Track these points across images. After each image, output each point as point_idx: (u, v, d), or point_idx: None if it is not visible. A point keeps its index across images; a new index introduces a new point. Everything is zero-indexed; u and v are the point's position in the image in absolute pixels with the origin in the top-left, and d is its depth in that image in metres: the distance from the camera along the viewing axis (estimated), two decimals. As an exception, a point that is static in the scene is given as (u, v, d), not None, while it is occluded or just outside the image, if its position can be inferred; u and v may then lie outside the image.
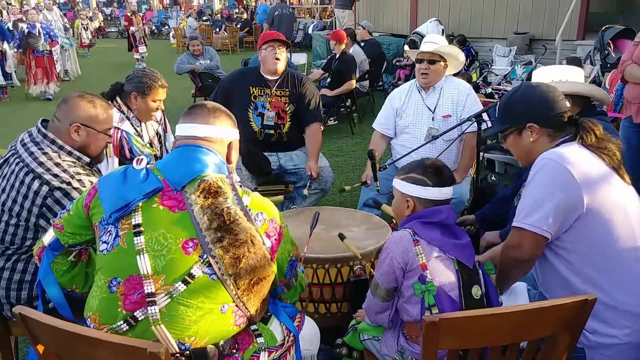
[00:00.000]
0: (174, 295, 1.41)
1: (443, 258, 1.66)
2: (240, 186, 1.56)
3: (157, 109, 2.93)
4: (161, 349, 1.17)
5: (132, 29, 13.44)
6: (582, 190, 1.61)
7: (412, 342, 1.70)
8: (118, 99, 2.89)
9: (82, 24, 15.97)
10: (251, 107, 3.46)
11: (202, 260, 1.43)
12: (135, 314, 1.41)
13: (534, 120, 1.78)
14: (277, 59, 3.40)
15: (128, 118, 2.86)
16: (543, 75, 2.55)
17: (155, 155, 3.01)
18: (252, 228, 1.48)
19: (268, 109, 3.45)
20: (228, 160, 1.70)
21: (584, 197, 1.61)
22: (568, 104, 1.81)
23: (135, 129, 2.90)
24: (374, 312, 1.77)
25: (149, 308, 1.41)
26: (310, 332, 1.82)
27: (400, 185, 1.79)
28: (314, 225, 2.33)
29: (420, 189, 1.74)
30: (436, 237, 1.68)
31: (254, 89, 3.47)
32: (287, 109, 3.48)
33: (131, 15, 13.96)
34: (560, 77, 2.48)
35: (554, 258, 1.71)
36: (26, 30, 9.38)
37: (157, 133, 3.10)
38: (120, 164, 2.68)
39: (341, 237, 2.28)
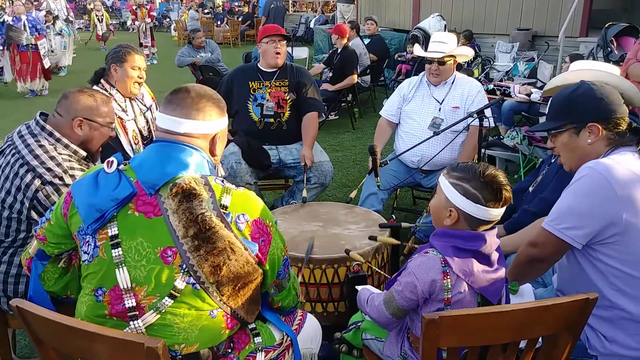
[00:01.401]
0: (162, 310, 1.37)
1: (469, 293, 1.53)
2: (222, 182, 1.44)
3: (138, 78, 2.89)
4: (159, 344, 1.16)
5: (137, 23, 13.20)
6: (622, 207, 1.54)
7: (416, 352, 1.64)
8: (102, 80, 2.87)
9: (97, 16, 15.36)
10: (250, 99, 3.50)
11: (182, 270, 1.36)
12: (125, 331, 1.38)
13: (597, 119, 1.66)
14: (278, 53, 3.46)
15: (111, 94, 2.83)
16: (581, 65, 2.47)
17: (141, 133, 2.99)
18: (231, 235, 1.37)
19: (267, 100, 3.49)
20: (212, 153, 1.56)
21: (623, 214, 1.54)
22: (627, 111, 1.70)
23: (119, 105, 2.86)
24: (380, 323, 1.69)
25: (131, 322, 1.37)
26: (311, 330, 1.78)
27: (447, 189, 1.55)
28: (309, 252, 2.30)
29: (470, 205, 1.50)
30: (468, 269, 1.51)
31: (253, 83, 3.52)
32: (287, 97, 3.51)
33: (136, 8, 13.36)
34: (597, 68, 2.37)
35: (587, 265, 1.65)
36: (10, 23, 8.63)
37: (147, 120, 3.08)
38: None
39: (347, 252, 2.27)
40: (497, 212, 1.52)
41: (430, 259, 1.53)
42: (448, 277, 1.51)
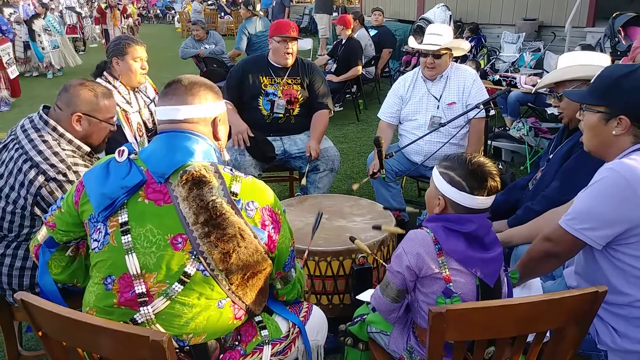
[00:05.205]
0: (172, 297, 1.38)
1: (464, 272, 1.54)
2: (231, 171, 1.46)
3: (142, 69, 2.86)
4: (164, 337, 1.16)
5: (91, 29, 11.10)
6: None
7: (422, 345, 1.64)
8: (105, 73, 2.85)
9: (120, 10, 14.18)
10: (262, 95, 3.45)
11: (193, 257, 1.38)
12: (135, 317, 1.39)
13: (630, 114, 1.56)
14: (288, 53, 3.41)
15: (115, 87, 2.81)
16: (569, 59, 2.41)
17: (145, 125, 2.97)
18: (241, 222, 1.40)
19: (279, 97, 3.45)
20: (216, 138, 1.59)
21: None
22: None
23: (123, 97, 2.85)
24: (381, 310, 1.69)
25: (141, 308, 1.38)
26: (317, 322, 1.78)
27: (437, 177, 1.60)
28: (316, 226, 2.29)
29: (455, 192, 1.54)
30: (459, 249, 1.53)
31: (264, 78, 3.47)
32: (299, 95, 3.47)
33: (106, 8, 11.35)
34: (586, 61, 2.31)
35: (604, 262, 1.62)
36: None
37: (151, 112, 3.06)
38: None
39: (352, 239, 2.27)
40: (484, 201, 1.54)
41: (420, 234, 1.57)
42: (442, 255, 1.53)
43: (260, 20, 7.09)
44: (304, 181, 3.31)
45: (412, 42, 3.51)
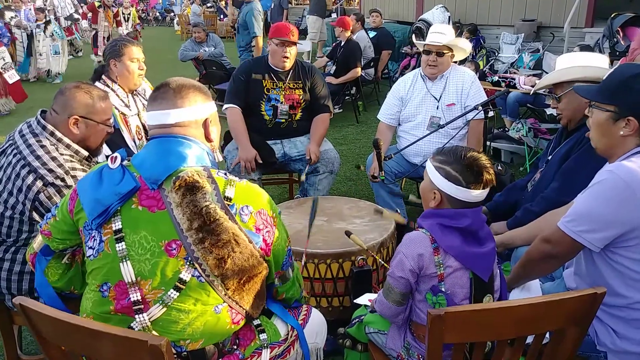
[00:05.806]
0: (168, 303, 1.38)
1: (459, 268, 1.56)
2: (225, 175, 1.46)
3: (139, 70, 2.84)
4: (162, 341, 1.16)
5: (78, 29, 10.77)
6: None
7: (419, 341, 1.66)
8: (103, 77, 2.83)
9: (123, 13, 13.24)
10: (264, 99, 3.43)
11: (188, 263, 1.37)
12: (131, 324, 1.39)
13: (639, 116, 1.55)
14: (286, 57, 3.38)
15: (113, 90, 2.80)
16: (567, 60, 2.40)
17: (144, 128, 2.96)
18: (235, 227, 1.39)
19: (282, 102, 3.43)
20: (208, 139, 1.58)
21: None
22: None
23: (122, 100, 2.83)
24: (387, 315, 1.69)
25: (137, 316, 1.38)
26: (316, 325, 1.77)
27: (432, 172, 1.60)
28: (313, 216, 2.30)
29: (451, 187, 1.55)
30: (455, 244, 1.55)
31: (266, 82, 3.44)
32: (302, 99, 3.45)
33: (100, 7, 10.88)
34: (585, 62, 2.31)
35: (603, 265, 1.62)
36: None
37: None
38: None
39: (347, 234, 2.27)
40: (479, 194, 1.57)
41: (417, 235, 1.59)
42: (439, 253, 1.55)
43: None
44: (302, 177, 3.30)
45: (416, 42, 3.51)
